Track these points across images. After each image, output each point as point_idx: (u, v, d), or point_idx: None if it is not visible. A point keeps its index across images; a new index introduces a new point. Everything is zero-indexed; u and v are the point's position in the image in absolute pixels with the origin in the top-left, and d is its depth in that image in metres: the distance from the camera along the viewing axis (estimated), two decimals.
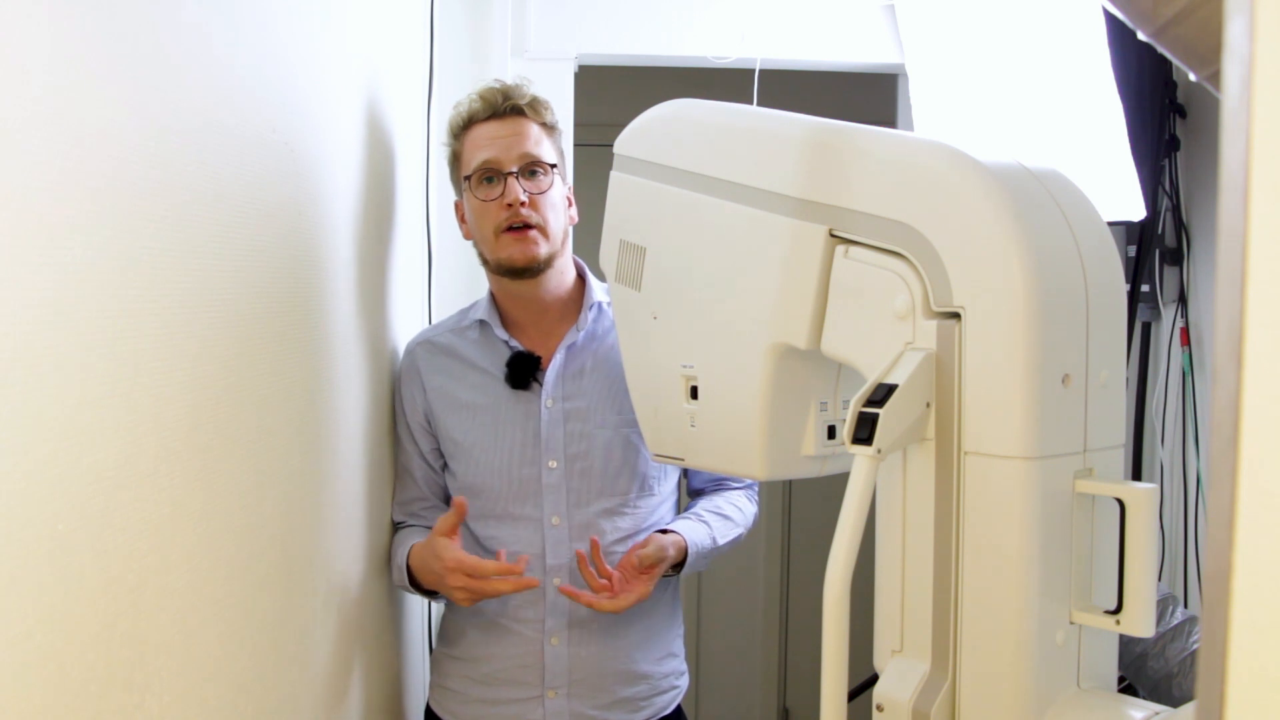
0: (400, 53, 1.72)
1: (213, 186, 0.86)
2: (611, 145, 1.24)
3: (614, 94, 2.61)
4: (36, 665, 0.60)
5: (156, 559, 0.75)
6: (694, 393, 1.15)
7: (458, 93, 1.54)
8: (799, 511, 3.66)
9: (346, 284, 1.33)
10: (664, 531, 1.46)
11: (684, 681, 1.58)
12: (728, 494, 1.58)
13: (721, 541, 1.50)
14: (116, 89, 0.69)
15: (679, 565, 1.45)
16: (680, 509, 1.60)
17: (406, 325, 1.72)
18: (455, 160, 1.51)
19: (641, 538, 1.47)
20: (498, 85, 1.47)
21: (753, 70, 2.35)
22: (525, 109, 1.45)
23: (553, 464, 1.46)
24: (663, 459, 1.24)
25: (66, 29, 0.63)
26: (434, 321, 1.85)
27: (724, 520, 1.53)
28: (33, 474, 0.59)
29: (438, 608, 1.99)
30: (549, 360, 1.49)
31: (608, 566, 1.40)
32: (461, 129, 1.48)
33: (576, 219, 1.54)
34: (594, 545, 1.40)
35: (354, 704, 1.37)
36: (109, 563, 0.68)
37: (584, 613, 1.45)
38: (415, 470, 1.54)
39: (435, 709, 1.55)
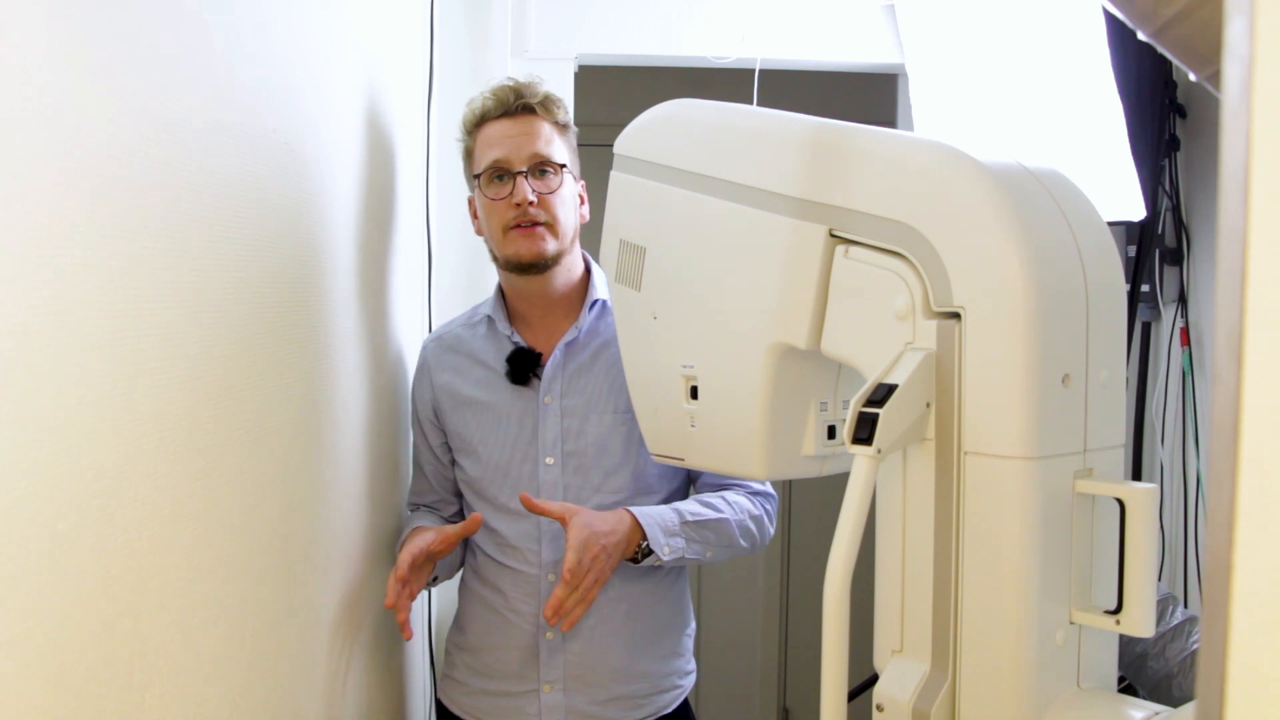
0: (400, 53, 1.72)
1: (213, 186, 0.86)
2: (611, 145, 1.24)
3: (614, 94, 2.61)
4: (36, 665, 0.60)
5: (156, 559, 0.75)
6: (694, 393, 1.15)
7: (458, 93, 1.54)
8: (799, 511, 3.66)
9: (346, 284, 1.33)
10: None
11: (689, 681, 1.57)
12: (725, 492, 1.53)
13: (692, 518, 1.42)
14: (116, 89, 0.69)
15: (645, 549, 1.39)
16: None
17: (406, 325, 1.72)
18: (468, 157, 1.52)
19: None
20: (510, 83, 1.48)
21: (753, 70, 2.35)
22: (537, 107, 1.46)
23: (550, 460, 1.47)
24: (662, 459, 1.24)
25: (65, 29, 0.63)
26: (433, 321, 1.86)
27: (700, 504, 1.46)
28: (33, 474, 0.59)
29: (439, 606, 2.00)
30: (549, 357, 1.49)
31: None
32: (474, 126, 1.49)
33: (588, 218, 1.54)
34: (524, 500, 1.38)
35: (355, 703, 1.37)
36: (109, 563, 0.68)
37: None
38: (425, 464, 1.58)
39: (443, 699, 1.58)
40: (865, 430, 0.87)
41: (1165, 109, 2.03)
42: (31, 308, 0.59)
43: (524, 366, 1.48)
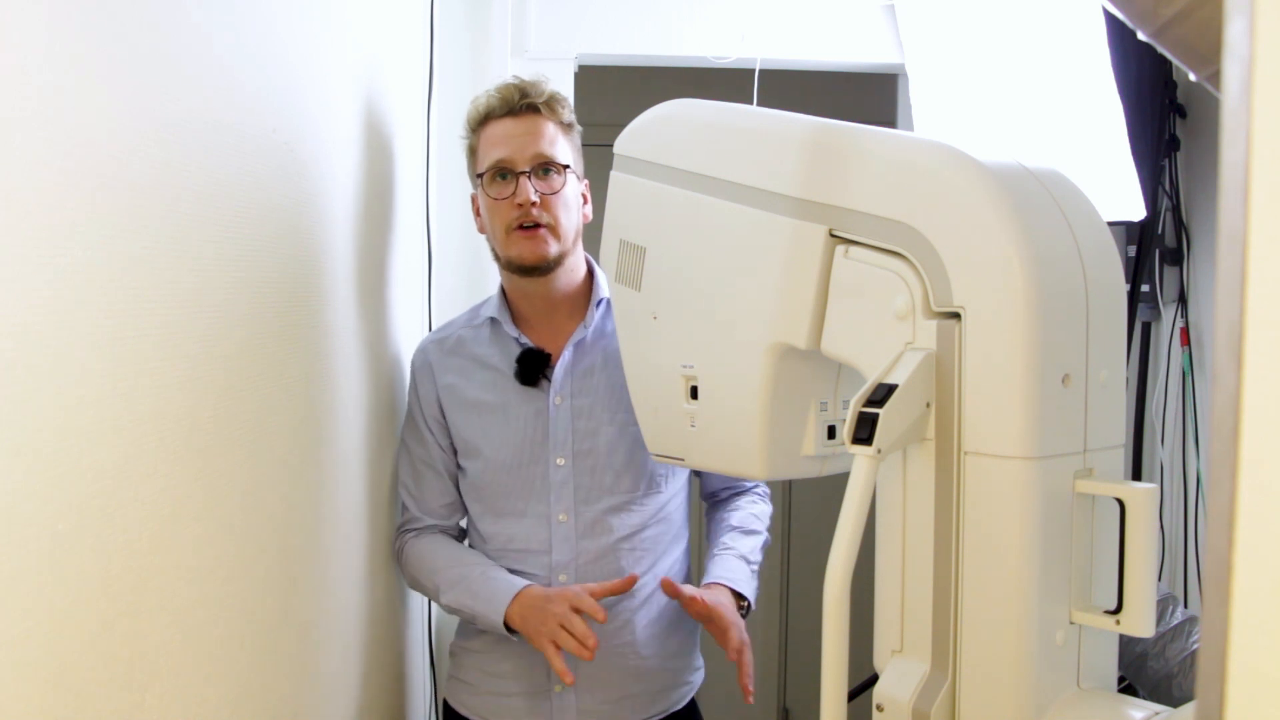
0: (400, 53, 1.72)
1: (213, 186, 0.86)
2: (611, 145, 1.24)
3: (614, 94, 2.60)
4: (36, 665, 0.60)
5: (156, 559, 0.75)
6: (694, 393, 1.15)
7: (458, 93, 1.54)
8: (799, 511, 3.66)
9: (346, 284, 1.33)
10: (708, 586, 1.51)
11: (698, 678, 1.59)
12: (743, 505, 1.61)
13: (753, 558, 1.58)
14: (116, 89, 0.69)
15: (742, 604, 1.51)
16: (691, 509, 1.60)
17: (406, 325, 1.72)
18: (471, 154, 1.51)
19: (650, 534, 1.49)
20: (515, 81, 1.47)
21: (753, 70, 2.35)
22: (541, 107, 1.45)
23: (560, 461, 1.47)
24: (662, 459, 1.24)
25: (65, 29, 0.63)
26: (433, 321, 1.85)
27: (742, 535, 1.58)
28: (33, 474, 0.59)
29: (439, 607, 1.99)
30: (558, 357, 1.49)
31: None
32: (478, 124, 1.49)
33: (590, 217, 1.54)
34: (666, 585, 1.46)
35: (354, 703, 1.37)
36: (109, 563, 0.68)
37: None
38: (438, 463, 1.54)
39: (451, 702, 1.57)
40: (865, 430, 0.87)
41: (1165, 109, 2.03)
42: (31, 308, 0.59)
43: (534, 368, 1.48)
